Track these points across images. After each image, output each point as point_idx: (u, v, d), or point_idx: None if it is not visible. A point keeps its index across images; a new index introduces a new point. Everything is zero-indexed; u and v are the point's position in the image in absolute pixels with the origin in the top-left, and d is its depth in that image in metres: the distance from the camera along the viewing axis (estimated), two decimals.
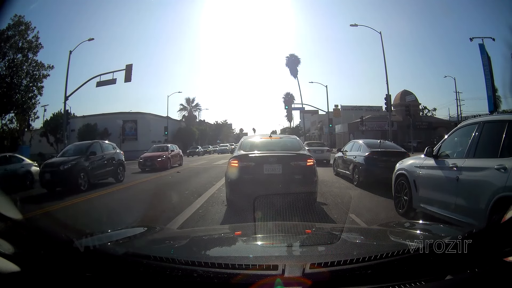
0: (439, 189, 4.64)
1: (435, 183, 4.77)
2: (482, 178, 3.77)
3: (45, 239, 1.44)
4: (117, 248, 1.61)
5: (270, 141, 6.76)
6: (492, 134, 3.97)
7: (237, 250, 2.01)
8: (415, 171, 5.28)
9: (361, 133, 37.34)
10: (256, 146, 6.48)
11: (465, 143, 4.34)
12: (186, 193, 8.73)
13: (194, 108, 61.09)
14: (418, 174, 5.21)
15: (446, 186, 4.42)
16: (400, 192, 5.75)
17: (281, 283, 1.23)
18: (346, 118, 45.31)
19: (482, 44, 26.50)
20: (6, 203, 1.58)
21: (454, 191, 4.22)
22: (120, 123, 41.22)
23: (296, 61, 54.09)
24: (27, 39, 26.16)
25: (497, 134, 3.80)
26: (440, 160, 4.73)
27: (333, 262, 1.33)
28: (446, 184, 4.44)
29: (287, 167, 5.63)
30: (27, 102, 26.91)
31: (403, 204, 5.60)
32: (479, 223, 3.66)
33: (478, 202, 3.71)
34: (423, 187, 5.06)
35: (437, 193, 4.70)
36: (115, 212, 6.96)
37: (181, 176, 14.44)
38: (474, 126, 4.29)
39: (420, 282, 1.29)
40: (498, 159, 3.59)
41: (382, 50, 24.90)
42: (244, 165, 5.76)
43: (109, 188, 10.62)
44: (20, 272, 1.24)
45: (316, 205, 6.00)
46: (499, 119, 4.26)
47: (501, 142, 3.67)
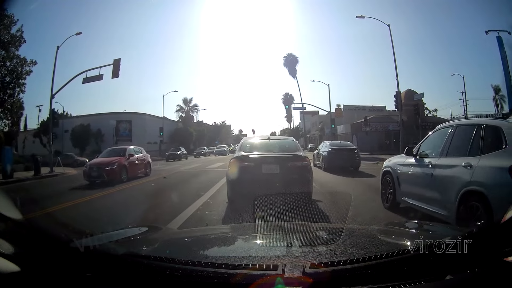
0: (417, 184, 5.20)
1: (414, 179, 5.35)
2: (452, 174, 4.25)
3: (45, 239, 1.44)
4: (117, 248, 1.61)
5: (268, 142, 7.12)
6: (463, 136, 4.46)
7: (237, 250, 2.01)
8: (398, 169, 5.90)
9: (365, 134, 35.84)
10: (255, 147, 6.83)
11: (441, 143, 4.83)
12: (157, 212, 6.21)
13: (192, 108, 60.33)
14: (400, 171, 5.81)
15: (423, 182, 4.99)
16: (385, 188, 6.26)
17: (281, 282, 1.23)
18: (349, 119, 43.52)
19: (499, 37, 23.86)
20: (6, 203, 1.58)
21: (429, 185, 4.78)
22: (113, 123, 40.12)
23: (294, 60, 53.40)
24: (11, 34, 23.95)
25: (467, 136, 4.31)
26: (419, 158, 5.28)
27: (333, 262, 1.33)
28: (422, 180, 4.99)
29: (284, 167, 5.94)
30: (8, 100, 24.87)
31: (388, 199, 6.12)
32: (450, 214, 4.19)
33: (448, 195, 4.20)
34: (404, 182, 5.63)
35: (415, 187, 5.25)
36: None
37: (161, 184, 11.68)
38: (448, 129, 4.82)
39: (420, 282, 1.29)
40: (466, 158, 4.10)
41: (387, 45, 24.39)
42: (244, 165, 6.06)
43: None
44: (20, 272, 1.24)
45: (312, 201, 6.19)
46: (469, 123, 4.74)
47: (470, 143, 4.21)
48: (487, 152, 3.91)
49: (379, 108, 48.02)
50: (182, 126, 54.14)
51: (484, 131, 4.10)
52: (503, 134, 3.79)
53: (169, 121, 51.15)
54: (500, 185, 3.46)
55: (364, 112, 42.99)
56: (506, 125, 3.89)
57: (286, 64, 53.55)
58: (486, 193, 3.56)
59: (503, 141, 3.75)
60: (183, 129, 52.71)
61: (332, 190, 8.71)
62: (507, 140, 3.70)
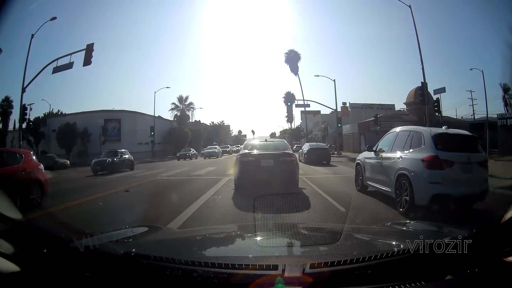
0: (374, 171, 7.26)
1: (372, 168, 7.38)
2: (392, 163, 6.34)
3: (45, 239, 1.44)
4: (117, 248, 1.61)
5: (266, 143, 9.15)
6: (402, 138, 6.49)
7: (237, 250, 2.01)
8: (364, 161, 7.95)
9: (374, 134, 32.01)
10: (255, 147, 8.71)
11: (389, 142, 6.91)
12: None
13: (187, 107, 55.68)
14: (364, 162, 7.90)
15: (377, 169, 7.07)
16: (357, 176, 8.43)
17: (282, 282, 1.23)
18: (355, 118, 39.41)
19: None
20: (6, 203, 1.59)
21: (380, 172, 6.85)
22: (100, 122, 37.12)
23: (296, 57, 50.35)
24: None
25: (404, 138, 6.39)
26: (376, 153, 7.26)
27: (333, 262, 1.33)
28: (377, 168, 7.09)
29: (277, 161, 7.85)
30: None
31: (359, 183, 8.19)
32: (391, 190, 6.10)
33: (390, 177, 6.22)
34: (367, 170, 7.66)
35: (373, 174, 7.31)
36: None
37: (115, 203, 7.77)
38: (395, 132, 6.95)
39: (420, 282, 1.29)
40: (401, 152, 6.17)
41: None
42: (247, 159, 8.05)
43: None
44: (20, 272, 1.24)
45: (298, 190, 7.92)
46: (406, 129, 6.72)
47: (405, 142, 6.26)
48: (413, 148, 5.90)
49: (387, 106, 43.49)
50: (177, 126, 50.56)
51: (413, 135, 6.10)
52: (423, 137, 5.77)
53: (163, 121, 48.39)
54: (417, 169, 5.49)
55: (371, 111, 39.09)
56: (426, 132, 5.88)
57: (287, 61, 50.68)
58: (408, 174, 5.60)
59: (422, 142, 5.73)
60: (178, 129, 48.71)
61: (308, 176, 12.01)
62: (425, 141, 5.68)
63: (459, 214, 5.30)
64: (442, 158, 5.27)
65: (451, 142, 5.63)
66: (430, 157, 5.34)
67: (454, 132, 6.01)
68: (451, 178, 5.25)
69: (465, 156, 5.42)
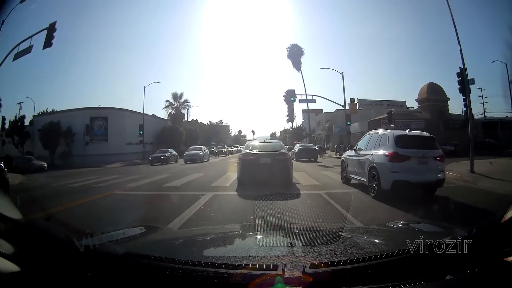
0: (354, 166, 8.98)
1: (353, 163, 9.09)
2: (365, 158, 8.01)
3: (45, 239, 1.44)
4: (117, 248, 1.61)
5: (264, 144, 10.79)
6: (374, 139, 8.20)
7: (237, 250, 2.01)
8: (347, 158, 9.74)
9: None
10: (255, 147, 10.30)
11: (365, 142, 8.67)
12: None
13: (182, 104, 51.57)
14: (347, 159, 9.68)
15: (356, 164, 8.78)
16: (342, 170, 10.12)
17: (282, 282, 1.23)
18: (364, 116, 36.83)
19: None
20: (6, 203, 1.59)
21: (358, 166, 8.57)
22: (85, 120, 34.27)
23: (299, 52, 47.69)
24: None
25: (375, 138, 8.14)
26: (355, 151, 9.05)
27: (333, 262, 1.33)
28: (355, 163, 8.83)
29: (273, 159, 9.33)
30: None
31: (343, 177, 9.90)
32: (366, 180, 7.72)
33: (364, 170, 7.92)
34: (349, 166, 9.39)
35: (353, 168, 9.02)
36: None
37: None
38: (370, 134, 8.81)
39: (420, 282, 1.29)
40: (372, 150, 7.85)
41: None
42: (249, 158, 9.51)
43: None
44: (20, 272, 1.24)
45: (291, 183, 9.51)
46: (377, 132, 8.42)
47: (375, 142, 7.97)
48: (381, 147, 7.54)
49: (398, 103, 38.79)
50: (171, 125, 46.94)
51: (382, 137, 7.82)
52: (388, 138, 7.45)
53: (156, 119, 45.17)
54: (382, 162, 7.18)
55: (381, 108, 36.52)
56: (390, 134, 7.54)
57: (290, 56, 48.01)
58: (377, 167, 7.25)
59: (387, 142, 7.41)
60: (172, 128, 44.96)
61: (299, 169, 14.31)
62: (389, 141, 7.36)
63: (422, 199, 6.65)
64: (401, 154, 6.94)
65: (409, 141, 7.25)
66: (391, 153, 7.05)
67: (413, 134, 7.69)
68: (408, 168, 6.81)
69: (421, 152, 7.00)
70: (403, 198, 6.50)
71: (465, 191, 8.45)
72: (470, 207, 6.47)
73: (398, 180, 6.73)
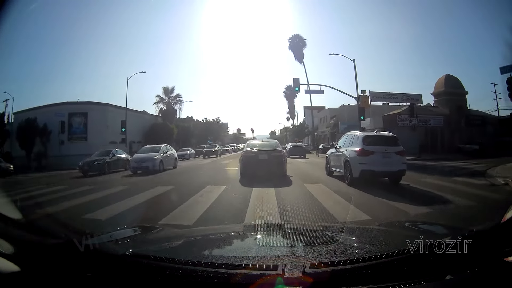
0: (334, 160, 10.97)
1: (333, 158, 11.13)
2: (342, 154, 9.86)
3: (45, 239, 1.44)
4: (117, 248, 1.61)
5: (262, 142, 12.74)
6: (349, 139, 10.13)
7: (237, 250, 2.01)
8: (330, 154, 11.80)
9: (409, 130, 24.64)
10: (254, 146, 12.17)
11: (343, 142, 10.64)
12: None
13: (174, 100, 47.06)
14: (330, 155, 11.69)
15: (335, 159, 10.79)
16: (326, 165, 12.04)
17: (282, 282, 1.23)
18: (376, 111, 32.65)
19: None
20: (6, 203, 1.59)
21: (337, 160, 10.52)
22: (62, 116, 30.34)
23: (301, 43, 44.91)
24: None
25: (350, 138, 10.10)
26: (336, 149, 11.06)
27: (333, 262, 1.33)
28: (335, 158, 10.81)
29: (270, 155, 11.09)
30: None
31: (327, 170, 11.82)
32: (343, 171, 9.59)
33: (341, 163, 9.85)
34: (331, 160, 11.36)
35: (334, 162, 10.99)
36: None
37: None
38: (347, 135, 10.80)
39: (420, 282, 1.29)
40: (347, 147, 9.74)
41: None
42: (249, 155, 11.28)
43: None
44: (20, 272, 1.24)
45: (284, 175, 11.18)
46: (351, 133, 10.49)
47: (350, 141, 9.85)
48: (353, 145, 9.44)
49: (414, 97, 32.70)
50: (161, 121, 43.08)
51: (354, 137, 9.83)
52: (358, 138, 9.35)
53: (145, 115, 41.56)
54: (353, 156, 9.00)
55: (396, 102, 32.72)
56: (360, 135, 9.62)
57: (291, 48, 45.04)
58: (349, 160, 9.07)
59: (357, 141, 9.29)
60: (161, 125, 41.13)
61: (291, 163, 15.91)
62: (359, 140, 9.24)
63: (389, 187, 8.45)
64: (366, 150, 8.82)
65: (375, 140, 9.21)
66: (359, 149, 8.96)
67: (378, 134, 9.98)
68: (373, 161, 8.63)
69: (383, 148, 8.81)
70: (369, 184, 8.35)
71: None
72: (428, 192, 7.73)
73: (364, 170, 8.61)
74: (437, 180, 9.86)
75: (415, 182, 9.35)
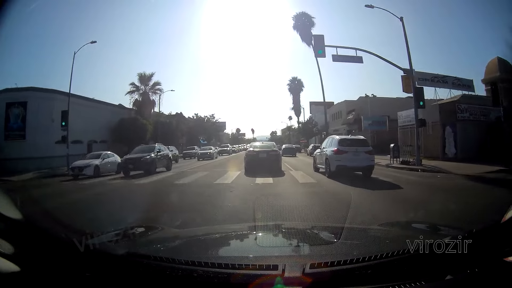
0: (319, 159, 13.34)
1: (318, 157, 13.52)
2: (325, 153, 12.31)
3: (45, 239, 1.44)
4: (117, 248, 1.61)
5: (262, 144, 16.24)
6: (329, 140, 13.23)
7: (237, 250, 2.01)
8: (316, 154, 14.36)
9: (472, 127, 17.98)
10: (256, 146, 15.42)
11: (326, 143, 13.33)
12: None
13: (152, 89, 37.93)
14: (316, 155, 14.28)
15: (320, 158, 13.24)
16: (313, 163, 14.56)
17: (281, 282, 1.23)
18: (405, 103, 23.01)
19: None
20: (6, 203, 1.59)
21: (321, 158, 12.98)
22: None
23: (309, 22, 38.28)
24: None
25: (331, 140, 13.10)
26: (321, 149, 13.33)
27: (333, 262, 1.33)
28: (319, 157, 13.34)
29: (268, 154, 14.14)
30: None
31: (314, 167, 14.24)
32: (324, 166, 12.24)
33: (324, 161, 12.37)
34: (317, 159, 13.86)
35: (319, 160, 13.40)
36: None
37: None
38: (328, 138, 14.18)
39: (420, 282, 1.29)
40: (328, 148, 12.44)
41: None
42: (252, 153, 14.31)
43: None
44: (20, 272, 1.24)
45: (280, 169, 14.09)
46: (332, 137, 13.92)
47: (330, 143, 12.72)
48: (332, 146, 12.14)
49: (465, 82, 24.37)
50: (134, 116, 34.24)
51: (333, 139, 12.82)
52: (336, 140, 12.34)
53: (113, 108, 33.10)
54: (331, 154, 11.64)
55: (446, 87, 23.89)
56: (336, 138, 12.83)
57: (296, 27, 38.14)
58: (329, 158, 11.68)
59: (335, 143, 12.16)
60: (132, 120, 32.64)
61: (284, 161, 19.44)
62: (335, 142, 12.15)
63: (362, 180, 10.28)
64: (340, 149, 11.30)
65: (348, 142, 11.87)
66: (335, 149, 11.43)
67: (351, 137, 12.83)
68: (346, 158, 11.07)
69: (354, 148, 11.29)
70: (344, 177, 10.35)
71: None
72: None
73: (339, 165, 11.08)
74: None
75: None
